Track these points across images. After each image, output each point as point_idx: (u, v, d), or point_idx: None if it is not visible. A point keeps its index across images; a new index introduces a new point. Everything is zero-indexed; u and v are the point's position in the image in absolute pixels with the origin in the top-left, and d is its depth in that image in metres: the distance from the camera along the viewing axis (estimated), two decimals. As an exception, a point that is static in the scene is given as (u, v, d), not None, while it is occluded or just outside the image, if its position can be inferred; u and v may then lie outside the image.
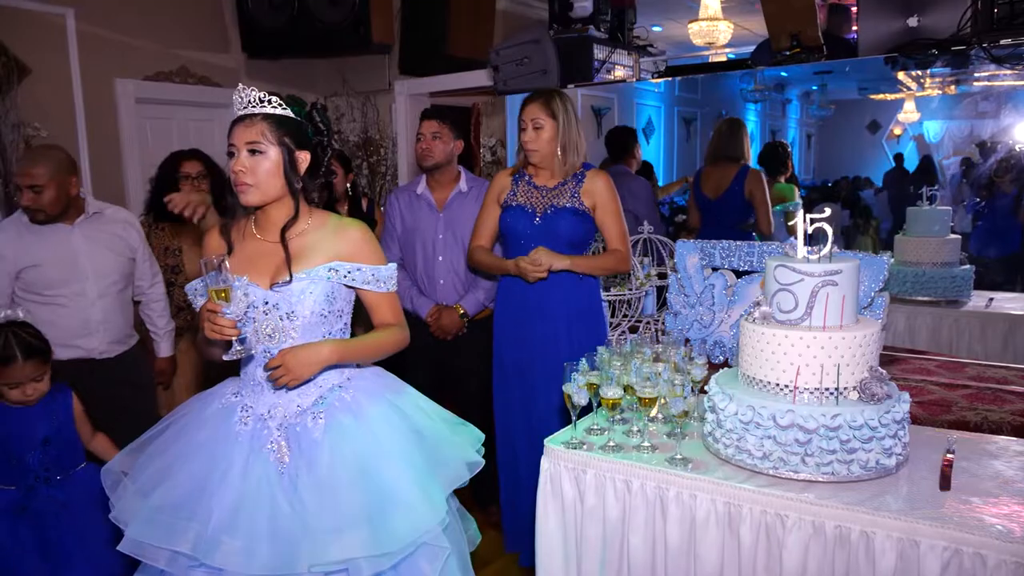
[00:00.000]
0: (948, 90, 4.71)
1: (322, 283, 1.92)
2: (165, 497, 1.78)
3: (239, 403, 1.94)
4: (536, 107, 2.74)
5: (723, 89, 6.67)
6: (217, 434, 1.88)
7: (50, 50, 4.45)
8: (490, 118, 5.54)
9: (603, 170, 2.90)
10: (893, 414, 1.79)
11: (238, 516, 1.73)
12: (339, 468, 1.81)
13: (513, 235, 2.84)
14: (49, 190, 2.83)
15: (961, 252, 3.81)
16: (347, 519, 1.74)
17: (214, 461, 1.82)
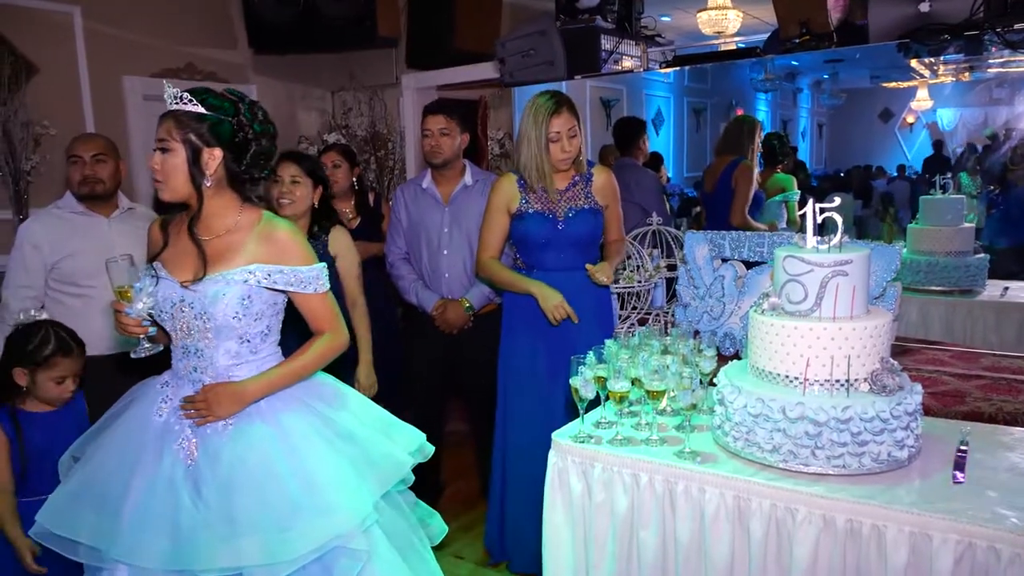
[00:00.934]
0: (961, 77, 4.65)
1: (237, 286, 1.88)
2: (79, 484, 1.85)
3: (163, 393, 1.96)
4: (569, 115, 2.73)
5: (733, 79, 6.62)
6: (136, 422, 1.91)
7: (58, 48, 4.47)
8: (497, 111, 5.51)
9: (606, 167, 2.96)
10: (905, 406, 1.76)
11: (144, 509, 1.76)
12: (241, 474, 1.79)
13: (535, 242, 2.82)
14: (110, 162, 2.91)
15: (975, 241, 3.76)
16: (244, 525, 1.73)
17: (127, 449, 1.86)
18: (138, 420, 1.92)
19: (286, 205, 2.87)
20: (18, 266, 2.81)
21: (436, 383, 3.39)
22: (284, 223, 1.99)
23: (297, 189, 2.88)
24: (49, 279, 2.84)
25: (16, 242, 2.84)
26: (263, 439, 1.85)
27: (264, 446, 1.84)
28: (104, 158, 2.90)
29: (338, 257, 2.96)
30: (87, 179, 2.85)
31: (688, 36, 6.18)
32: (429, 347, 3.29)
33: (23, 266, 2.81)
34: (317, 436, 1.89)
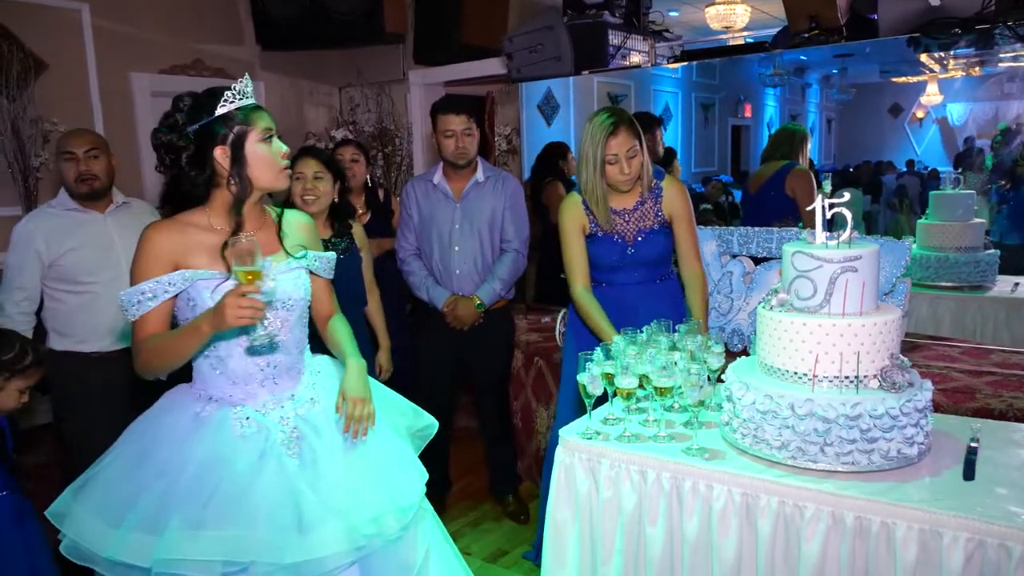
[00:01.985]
0: (972, 71, 4.62)
1: (301, 270, 1.97)
2: (199, 517, 1.69)
3: (238, 414, 1.84)
4: (627, 136, 2.53)
5: (741, 74, 6.59)
6: (216, 446, 1.79)
7: (66, 45, 4.49)
8: (504, 106, 5.51)
9: (676, 176, 2.77)
10: (915, 402, 1.75)
11: (268, 515, 1.71)
12: (342, 445, 1.88)
13: (606, 264, 2.71)
14: (103, 157, 2.88)
15: (985, 237, 3.74)
16: (368, 483, 1.83)
17: (228, 474, 1.75)
18: (218, 447, 1.79)
19: (311, 202, 2.86)
20: (12, 268, 2.78)
21: (446, 379, 3.39)
22: (301, 215, 2.07)
23: (320, 185, 2.87)
24: (47, 278, 2.81)
25: (11, 243, 2.80)
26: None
27: None
28: (97, 153, 2.86)
29: (362, 249, 3.06)
30: (83, 176, 2.82)
31: (696, 31, 6.15)
32: (439, 343, 3.29)
33: (18, 268, 2.78)
34: None
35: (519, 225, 3.31)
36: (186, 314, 1.82)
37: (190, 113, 1.79)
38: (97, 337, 2.81)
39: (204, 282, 1.80)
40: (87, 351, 2.81)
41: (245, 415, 1.84)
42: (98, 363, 2.78)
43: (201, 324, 1.72)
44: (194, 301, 1.80)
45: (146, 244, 1.80)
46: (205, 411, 1.84)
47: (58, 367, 2.81)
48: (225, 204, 1.86)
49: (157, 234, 1.80)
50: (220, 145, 1.80)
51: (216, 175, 1.83)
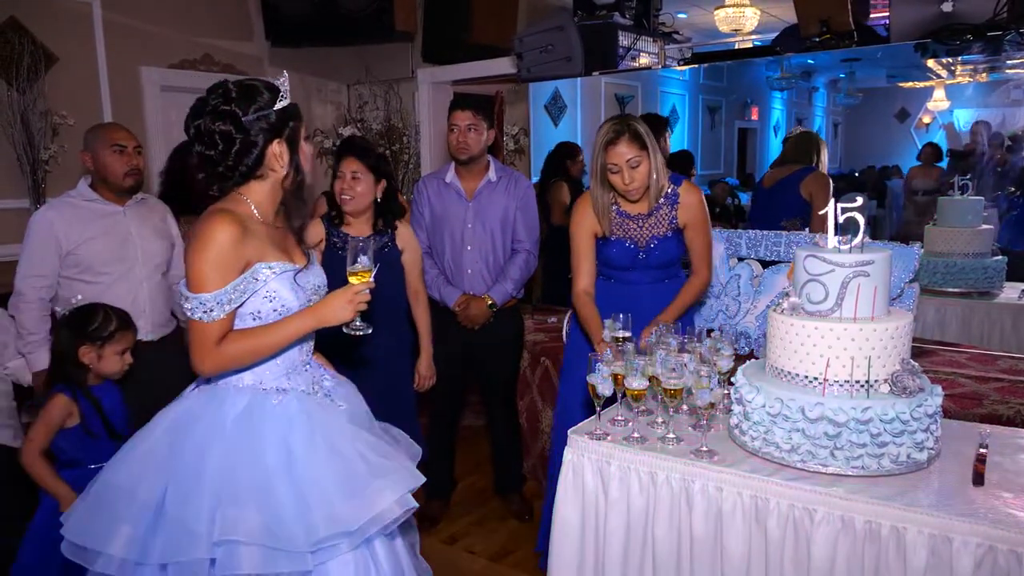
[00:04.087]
0: (979, 78, 4.62)
1: None
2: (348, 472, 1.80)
3: (309, 404, 1.88)
4: (629, 146, 2.51)
5: (748, 77, 6.59)
6: (328, 418, 1.89)
7: (76, 39, 4.49)
8: (513, 106, 5.51)
9: (694, 184, 2.74)
10: (925, 407, 1.75)
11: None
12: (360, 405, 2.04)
13: (618, 267, 2.74)
14: (143, 155, 2.94)
15: (993, 243, 3.74)
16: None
17: (345, 435, 1.87)
18: (314, 413, 1.87)
19: (347, 201, 2.87)
20: (32, 255, 2.79)
21: (455, 377, 3.39)
22: None
23: (358, 184, 2.87)
24: (63, 266, 2.82)
25: (29, 230, 2.81)
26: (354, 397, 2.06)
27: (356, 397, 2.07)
28: (141, 150, 2.94)
29: (405, 251, 3.01)
30: (132, 170, 2.88)
31: (704, 33, 6.16)
32: (448, 341, 3.29)
33: (37, 255, 2.79)
34: None
35: (530, 226, 3.32)
36: (256, 305, 1.80)
37: (245, 103, 1.77)
38: None
39: (284, 274, 1.82)
40: None
41: (309, 396, 1.92)
42: None
43: (307, 321, 1.82)
44: (275, 293, 1.81)
45: (217, 242, 1.72)
46: (283, 402, 1.84)
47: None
48: (268, 196, 1.86)
49: (228, 230, 1.73)
50: (278, 138, 1.81)
51: (263, 167, 1.82)
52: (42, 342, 2.79)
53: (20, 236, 2.84)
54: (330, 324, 1.83)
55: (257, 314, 1.81)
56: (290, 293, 1.83)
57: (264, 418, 1.80)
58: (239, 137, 1.77)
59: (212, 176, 1.82)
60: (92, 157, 2.85)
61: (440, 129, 5.07)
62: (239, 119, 1.76)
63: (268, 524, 1.65)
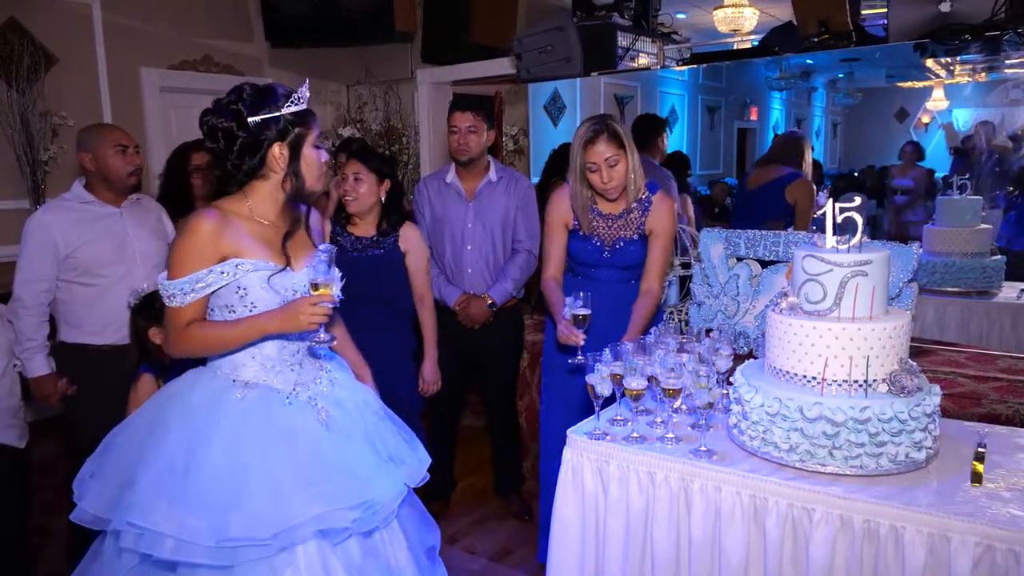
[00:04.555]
0: (978, 77, 4.63)
1: None
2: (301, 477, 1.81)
3: (283, 395, 1.92)
4: (607, 145, 2.56)
5: (748, 77, 6.61)
6: (274, 423, 1.86)
7: (76, 39, 4.50)
8: (512, 107, 5.52)
9: (669, 196, 2.76)
10: (924, 407, 1.75)
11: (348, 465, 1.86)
12: (359, 416, 2.00)
13: (583, 263, 2.80)
14: (142, 153, 2.95)
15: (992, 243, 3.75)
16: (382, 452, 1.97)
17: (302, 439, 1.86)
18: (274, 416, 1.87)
19: (350, 202, 2.92)
20: (29, 259, 2.78)
21: (455, 377, 3.40)
22: (315, 211, 2.12)
23: (360, 186, 2.90)
24: (61, 270, 2.81)
25: (26, 234, 2.80)
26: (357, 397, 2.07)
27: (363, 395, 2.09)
28: (139, 149, 2.95)
29: (408, 253, 3.00)
30: (137, 169, 2.90)
31: (703, 33, 6.17)
32: (448, 341, 3.30)
33: (35, 259, 2.77)
34: None
35: (531, 225, 3.33)
36: (228, 299, 1.86)
37: (254, 105, 1.84)
38: (108, 330, 2.81)
39: (258, 272, 1.85)
40: (98, 344, 2.82)
41: (284, 396, 1.92)
42: (109, 356, 2.79)
43: (266, 324, 1.82)
44: (245, 289, 1.85)
45: (195, 231, 1.82)
46: (247, 396, 1.88)
47: (69, 359, 2.83)
48: (269, 197, 1.92)
49: (207, 221, 1.82)
50: (279, 142, 1.86)
51: (265, 168, 1.88)
52: (38, 348, 2.78)
53: (20, 237, 2.83)
54: (288, 331, 1.82)
55: (230, 307, 1.87)
56: (261, 292, 1.85)
57: (220, 408, 1.85)
58: (241, 136, 1.83)
59: (221, 174, 1.88)
60: (93, 158, 2.84)
61: (440, 130, 5.07)
62: (244, 118, 1.83)
63: (178, 514, 1.69)
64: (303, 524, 1.72)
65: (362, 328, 2.42)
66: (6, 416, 2.69)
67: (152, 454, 1.79)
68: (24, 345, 2.76)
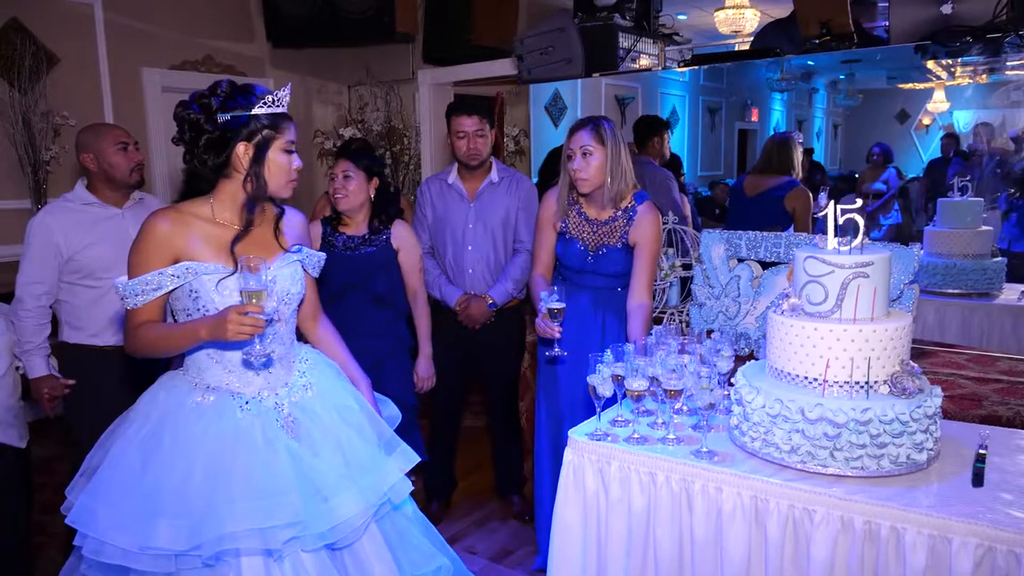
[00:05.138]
0: (980, 79, 4.62)
1: (299, 264, 2.02)
2: (239, 492, 1.74)
3: (239, 400, 1.90)
4: (585, 134, 2.67)
5: (748, 78, 6.60)
6: (224, 429, 1.83)
7: (78, 39, 4.51)
8: (514, 107, 5.52)
9: (655, 209, 2.79)
10: (925, 408, 1.76)
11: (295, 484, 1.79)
12: (335, 430, 1.95)
13: (567, 266, 2.84)
14: (141, 151, 2.95)
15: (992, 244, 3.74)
16: (353, 469, 1.90)
17: (244, 454, 1.80)
18: (223, 429, 1.83)
19: (340, 200, 2.94)
20: (31, 261, 2.78)
21: (456, 377, 3.41)
22: (297, 213, 2.10)
23: (349, 184, 2.92)
24: (64, 272, 2.81)
25: (28, 236, 2.79)
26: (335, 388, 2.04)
27: (336, 394, 2.04)
28: (139, 146, 2.95)
29: (400, 250, 3.03)
30: (138, 165, 2.90)
31: (704, 35, 6.17)
32: (450, 341, 3.31)
33: (37, 261, 2.78)
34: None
35: (532, 226, 3.33)
36: (184, 302, 1.86)
37: (225, 101, 1.83)
38: (110, 331, 2.82)
39: (208, 276, 1.83)
40: (100, 344, 2.83)
41: (244, 401, 1.89)
42: (111, 356, 2.79)
43: (199, 330, 1.75)
44: (196, 292, 1.83)
45: (148, 233, 1.82)
46: (205, 399, 1.87)
47: (70, 360, 2.84)
48: (232, 197, 1.90)
49: (160, 224, 1.83)
50: (244, 141, 1.84)
51: (230, 167, 1.86)
52: (37, 350, 2.78)
53: (22, 236, 2.83)
54: (218, 339, 1.73)
55: (186, 311, 1.86)
56: (213, 296, 1.82)
57: (177, 411, 1.85)
58: (208, 130, 1.82)
59: (190, 172, 1.91)
60: (95, 157, 2.84)
61: (441, 130, 5.07)
62: (213, 113, 1.81)
63: (114, 519, 1.69)
64: (224, 539, 1.67)
65: (357, 326, 2.44)
66: (7, 416, 2.69)
67: (110, 455, 1.81)
68: (24, 347, 2.76)
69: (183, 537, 1.66)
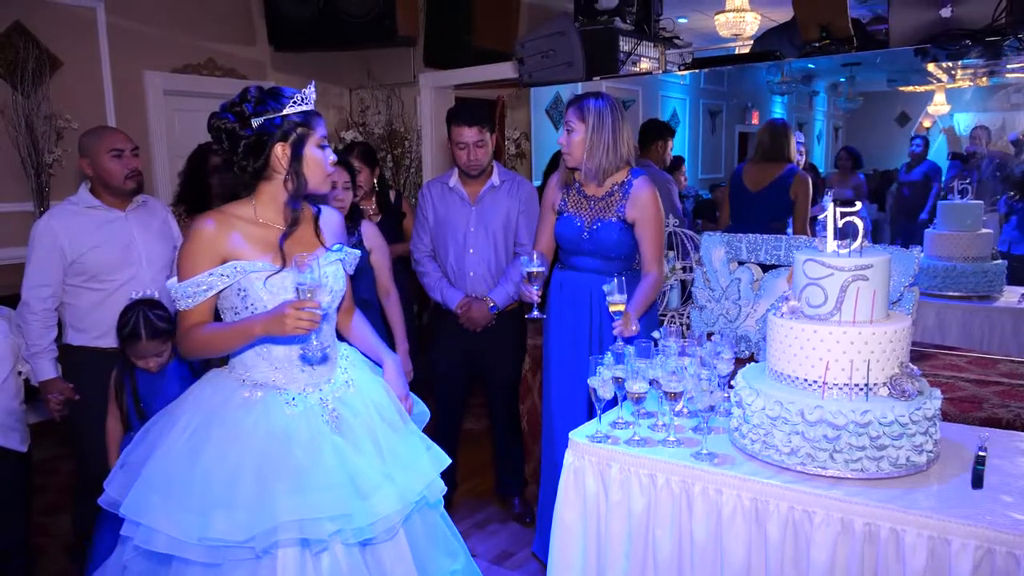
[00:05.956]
0: (980, 82, 4.64)
1: (340, 262, 2.05)
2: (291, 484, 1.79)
3: (285, 395, 1.94)
4: (570, 111, 2.78)
5: (749, 81, 6.61)
6: (272, 425, 1.87)
7: (81, 43, 4.52)
8: (515, 110, 5.54)
9: (650, 181, 2.81)
10: (924, 411, 1.76)
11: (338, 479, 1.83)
12: (374, 424, 1.99)
13: (565, 244, 2.87)
14: (140, 156, 2.94)
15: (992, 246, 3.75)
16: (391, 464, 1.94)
17: (294, 447, 1.85)
18: (271, 426, 1.86)
19: (342, 209, 2.95)
20: (36, 265, 2.79)
21: (457, 380, 3.41)
22: (335, 212, 2.14)
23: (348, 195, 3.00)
24: (68, 274, 2.82)
25: (33, 240, 2.81)
26: (372, 386, 2.08)
27: (374, 392, 2.08)
28: (138, 152, 2.95)
29: (373, 250, 3.06)
30: (132, 173, 2.88)
31: (705, 38, 6.17)
32: (451, 344, 3.31)
33: (42, 265, 2.79)
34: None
35: (533, 228, 3.33)
36: (232, 301, 1.89)
37: (256, 106, 1.87)
38: (113, 333, 2.82)
39: (256, 273, 1.87)
40: (104, 347, 2.84)
41: (290, 396, 1.93)
42: (113, 358, 2.80)
43: (254, 327, 1.80)
44: (245, 291, 1.88)
45: (195, 236, 1.86)
46: (253, 395, 1.92)
47: (74, 362, 2.85)
48: (273, 198, 1.94)
49: (206, 226, 1.87)
50: (281, 142, 1.88)
51: (269, 169, 1.90)
52: (43, 353, 2.79)
53: (25, 239, 2.84)
54: (275, 334, 1.77)
55: (235, 309, 1.90)
56: (261, 294, 1.87)
57: (224, 407, 1.90)
58: (243, 136, 1.86)
59: (231, 178, 1.92)
60: (91, 163, 2.85)
61: (442, 133, 5.09)
62: (247, 119, 1.85)
63: (170, 510, 1.73)
64: (278, 529, 1.72)
65: None
66: (9, 420, 2.70)
67: (160, 448, 1.84)
68: (31, 350, 2.78)
69: (240, 528, 1.71)
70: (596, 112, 2.71)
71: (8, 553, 2.78)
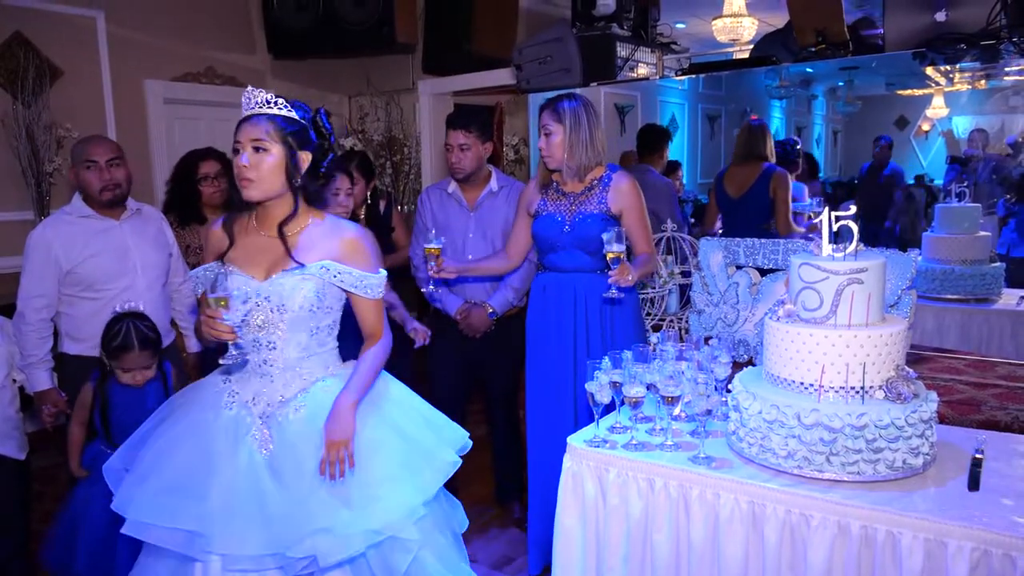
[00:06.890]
0: (978, 85, 4.64)
1: (313, 280, 1.98)
2: (161, 480, 1.88)
3: (227, 388, 2.04)
4: (545, 114, 2.81)
5: (747, 86, 6.62)
6: (204, 418, 1.98)
7: (81, 52, 4.54)
8: (513, 117, 5.55)
9: (628, 172, 2.89)
10: (920, 413, 1.77)
11: (232, 498, 1.84)
12: (314, 462, 1.90)
13: (545, 243, 2.88)
14: (124, 165, 2.91)
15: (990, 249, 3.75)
16: (318, 509, 1.84)
17: (204, 445, 1.93)
18: (205, 417, 1.99)
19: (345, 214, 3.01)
20: (31, 275, 2.79)
21: (457, 386, 3.41)
22: (353, 226, 2.09)
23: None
24: (63, 284, 2.82)
25: (28, 250, 2.80)
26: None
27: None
28: (119, 162, 2.88)
29: None
30: (107, 185, 2.83)
31: (703, 43, 6.19)
32: (450, 350, 3.32)
33: (37, 275, 2.78)
34: (373, 427, 2.00)
35: None
36: None
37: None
38: None
39: (205, 274, 2.00)
40: (99, 356, 2.83)
41: (236, 389, 2.02)
42: None
43: (198, 326, 1.96)
44: None
45: (205, 232, 2.13)
46: (218, 386, 2.07)
47: (70, 371, 2.85)
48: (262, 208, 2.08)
49: (212, 227, 2.11)
50: None
51: None
52: (39, 364, 2.80)
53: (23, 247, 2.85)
54: (199, 338, 1.95)
55: None
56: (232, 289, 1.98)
57: (197, 391, 2.10)
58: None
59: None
60: (75, 173, 2.86)
61: (441, 140, 5.10)
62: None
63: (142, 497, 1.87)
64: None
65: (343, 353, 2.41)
66: (6, 427, 2.70)
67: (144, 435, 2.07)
68: (26, 360, 2.78)
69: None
70: (572, 112, 2.76)
71: (7, 561, 2.78)
